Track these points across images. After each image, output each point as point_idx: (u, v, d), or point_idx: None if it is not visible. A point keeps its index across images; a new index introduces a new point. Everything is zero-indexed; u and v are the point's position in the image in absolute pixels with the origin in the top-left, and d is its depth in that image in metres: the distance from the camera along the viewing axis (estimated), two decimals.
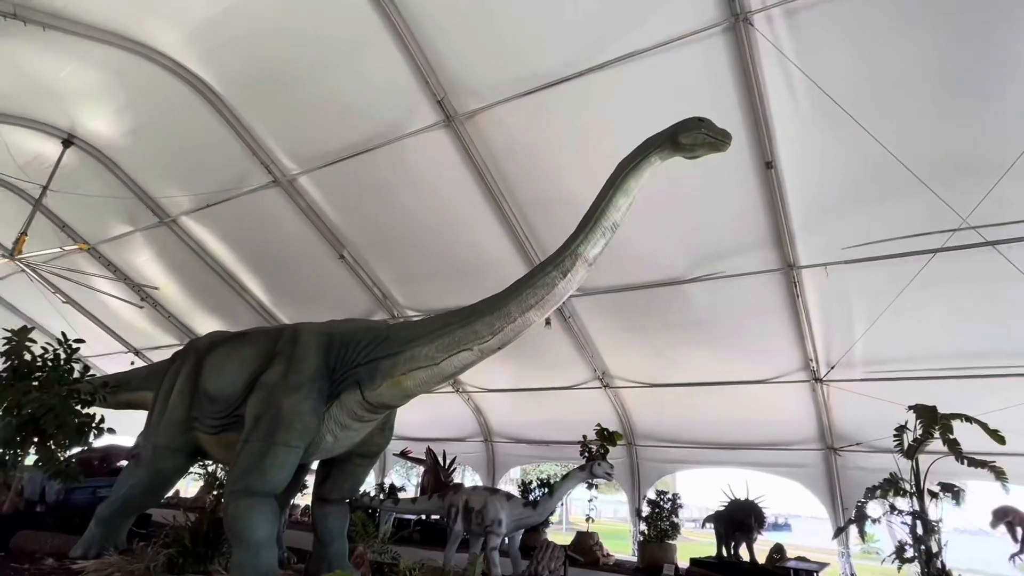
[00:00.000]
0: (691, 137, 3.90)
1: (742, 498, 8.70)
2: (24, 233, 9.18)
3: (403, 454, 12.37)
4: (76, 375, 6.98)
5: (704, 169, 5.76)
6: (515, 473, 15.75)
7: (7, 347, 6.60)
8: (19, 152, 9.69)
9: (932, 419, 6.35)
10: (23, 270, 11.93)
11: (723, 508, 8.76)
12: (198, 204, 10.22)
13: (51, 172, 9.60)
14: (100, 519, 5.92)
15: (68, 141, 9.64)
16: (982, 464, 5.91)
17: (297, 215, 9.75)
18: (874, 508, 7.33)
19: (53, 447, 6.65)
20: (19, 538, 6.12)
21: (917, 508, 6.64)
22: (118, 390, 7.32)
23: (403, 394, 4.80)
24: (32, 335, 6.86)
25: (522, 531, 6.74)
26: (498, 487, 7.38)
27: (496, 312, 4.37)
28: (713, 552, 8.90)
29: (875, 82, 5.76)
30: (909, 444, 6.56)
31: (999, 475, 5.86)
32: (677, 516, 9.23)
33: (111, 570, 4.82)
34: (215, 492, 8.49)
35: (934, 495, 6.67)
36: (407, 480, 19.20)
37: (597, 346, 10.21)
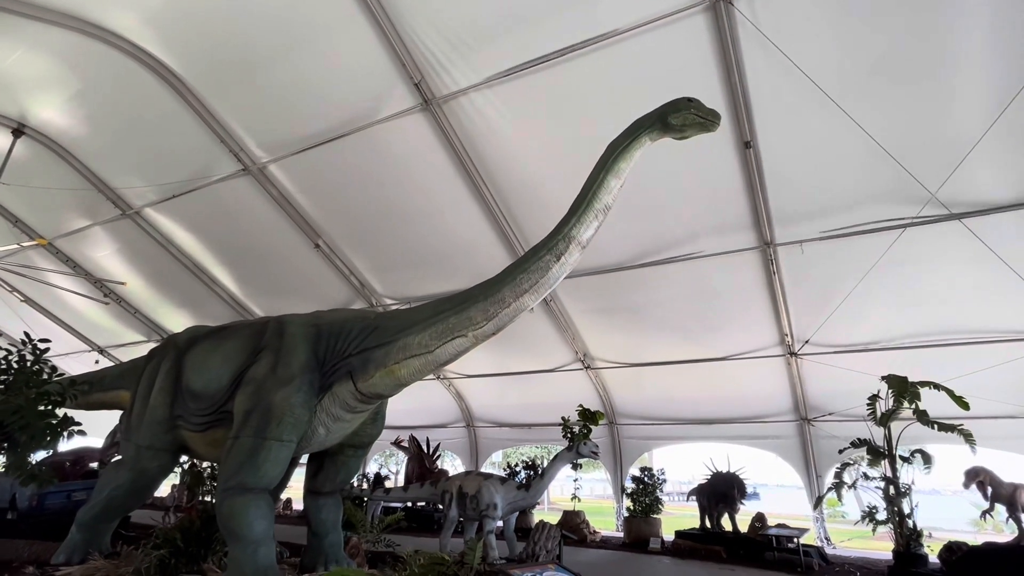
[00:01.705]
0: (681, 118, 3.91)
1: (723, 471, 8.98)
2: None
3: (396, 443, 12.31)
4: (45, 376, 6.67)
5: (682, 149, 5.82)
6: (497, 457, 15.88)
7: None
8: None
9: (903, 388, 6.65)
10: None
11: (706, 481, 9.02)
12: (163, 195, 9.83)
13: (1, 164, 9.06)
14: (81, 524, 5.70)
15: (18, 131, 9.10)
16: (951, 428, 6.23)
17: (269, 204, 9.48)
18: (847, 475, 7.69)
19: (22, 451, 6.36)
20: None
21: (889, 473, 6.98)
22: (90, 390, 7.01)
23: (396, 383, 4.74)
24: None
25: (516, 514, 6.83)
26: (490, 472, 7.43)
27: (490, 297, 4.33)
28: (696, 524, 9.20)
29: (851, 64, 5.89)
30: (883, 413, 6.86)
31: (967, 437, 6.19)
32: (662, 491, 9.47)
33: (99, 575, 4.68)
34: (199, 491, 8.27)
35: (905, 460, 7.01)
36: (387, 469, 19.14)
37: (578, 328, 10.30)
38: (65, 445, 7.39)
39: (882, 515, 7.03)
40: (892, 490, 6.85)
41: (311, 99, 7.79)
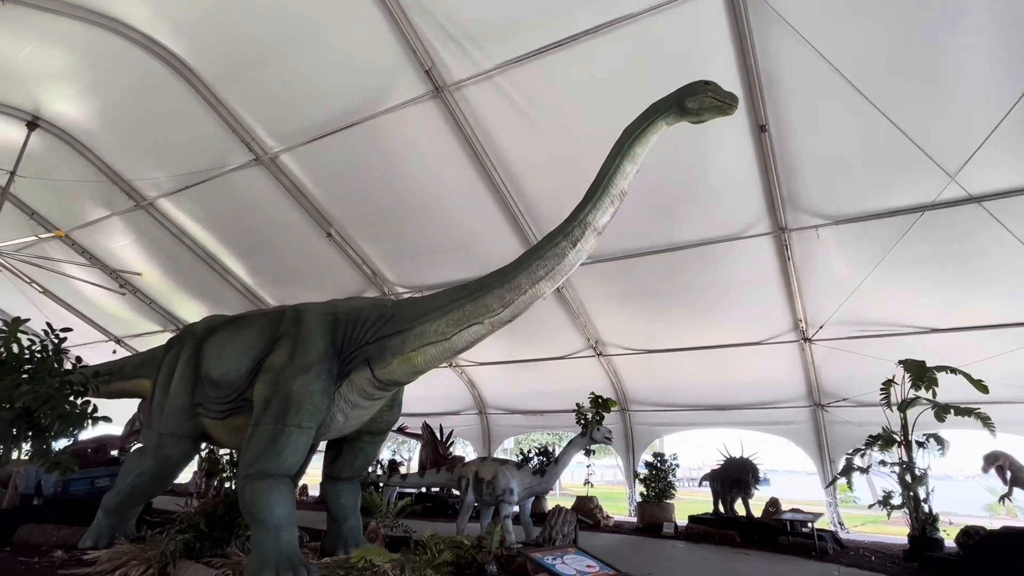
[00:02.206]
0: (698, 101, 3.88)
1: (737, 456, 9.00)
2: None
3: (400, 430, 12.45)
4: (67, 366, 6.80)
5: (696, 133, 5.77)
6: (509, 444, 16.01)
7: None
8: None
9: (921, 372, 6.61)
10: None
11: (719, 466, 9.05)
12: (176, 186, 9.89)
13: (17, 157, 9.15)
14: (107, 509, 5.85)
15: (33, 124, 9.18)
16: (969, 412, 6.19)
17: (281, 194, 9.51)
18: (859, 460, 7.67)
19: (47, 439, 6.51)
20: (22, 532, 6.03)
21: (905, 458, 6.96)
22: (111, 379, 7.15)
23: (413, 370, 4.79)
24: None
25: (532, 499, 6.90)
26: (505, 458, 7.51)
27: (506, 284, 4.35)
28: (708, 509, 9.25)
29: (869, 45, 5.78)
30: (902, 399, 6.83)
31: (986, 422, 6.15)
32: (675, 476, 9.52)
33: (126, 559, 4.79)
34: (217, 477, 8.43)
35: (920, 444, 6.98)
36: (401, 456, 19.36)
37: (590, 314, 10.31)
38: (88, 433, 7.58)
39: (897, 500, 7.03)
40: (908, 475, 6.83)
41: (322, 88, 7.77)
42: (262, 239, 10.77)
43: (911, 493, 6.78)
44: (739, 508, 8.87)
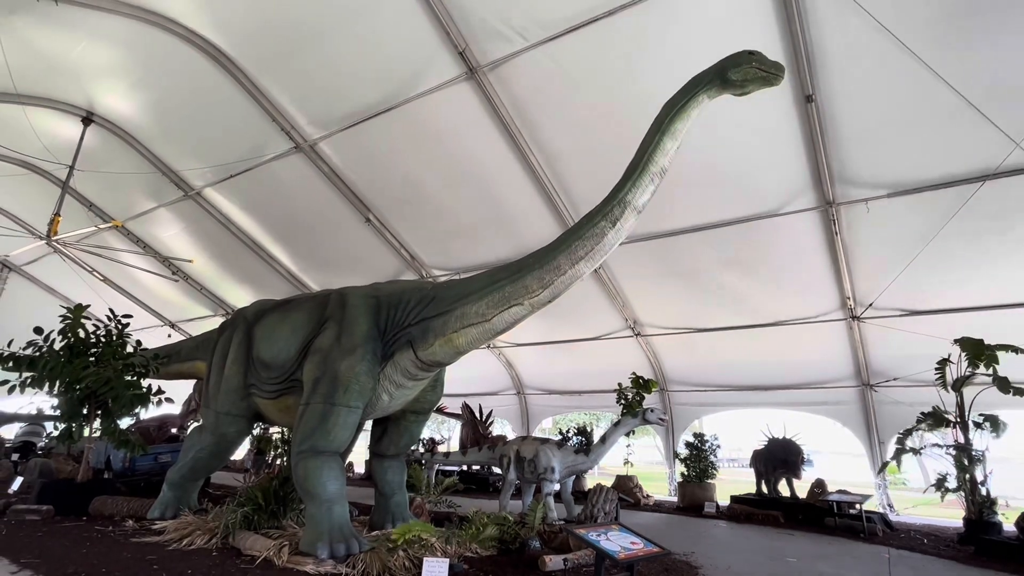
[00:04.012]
0: (742, 72, 3.75)
1: (779, 436, 8.85)
2: (58, 214, 9.28)
3: (439, 410, 12.72)
4: (129, 349, 7.20)
5: (739, 106, 5.58)
6: (547, 423, 16.14)
7: (64, 325, 6.79)
8: (41, 133, 9.68)
9: (979, 351, 6.34)
10: (56, 251, 12.16)
11: (762, 447, 8.92)
12: (221, 175, 10.22)
13: (75, 152, 9.61)
14: (172, 483, 6.23)
15: (88, 119, 9.60)
16: None
17: (321, 180, 9.71)
18: (911, 442, 7.43)
19: (116, 418, 6.94)
20: (96, 503, 6.48)
21: (961, 439, 6.71)
22: (168, 361, 7.55)
23: (455, 351, 4.88)
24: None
25: (573, 477, 6.98)
26: (547, 436, 7.60)
27: (546, 265, 4.35)
28: (750, 490, 9.15)
29: (924, 6, 5.44)
30: (956, 378, 6.57)
31: None
32: (716, 456, 9.45)
33: (190, 528, 5.10)
34: (268, 455, 8.81)
35: (978, 426, 6.72)
36: (441, 435, 19.77)
37: (628, 295, 10.22)
38: (150, 412, 8.03)
39: (952, 483, 6.79)
40: (964, 457, 6.59)
41: (357, 74, 7.85)
42: (304, 225, 11.06)
43: (967, 475, 6.55)
44: (783, 489, 8.75)
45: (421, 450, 10.61)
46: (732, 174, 7.66)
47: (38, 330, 6.74)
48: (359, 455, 13.17)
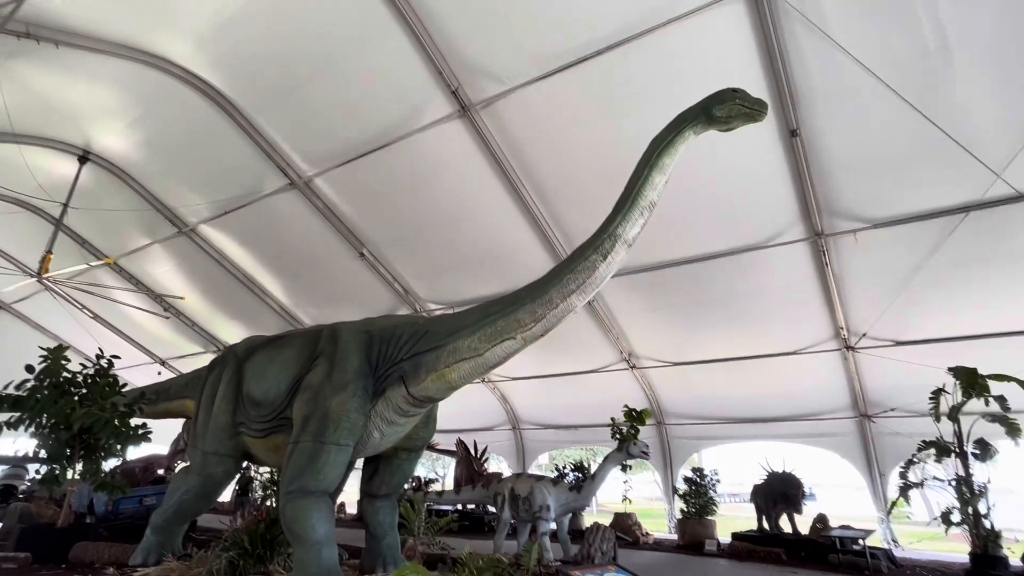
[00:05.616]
0: (726, 109, 3.82)
1: (779, 470, 8.71)
2: (50, 252, 9.26)
3: (432, 447, 12.49)
4: (117, 388, 7.07)
5: (726, 141, 5.69)
6: (543, 459, 15.86)
7: (43, 366, 6.67)
8: (36, 171, 9.75)
9: (972, 380, 6.32)
10: (47, 288, 12.08)
11: (762, 481, 8.77)
12: (216, 211, 10.27)
13: (70, 189, 9.66)
14: (155, 527, 6.01)
15: (84, 157, 9.69)
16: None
17: (315, 216, 9.77)
18: (912, 474, 7.32)
19: (100, 459, 6.76)
20: (76, 550, 6.24)
21: (961, 471, 6.63)
22: (157, 399, 7.40)
23: (448, 386, 4.81)
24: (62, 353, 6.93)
25: (570, 515, 6.81)
26: (541, 474, 7.45)
27: (538, 299, 4.34)
28: (750, 525, 8.95)
29: (902, 45, 5.63)
30: (952, 406, 6.53)
31: None
32: (716, 491, 9.27)
33: (174, 575, 4.92)
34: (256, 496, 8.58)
35: (976, 456, 6.65)
36: (435, 472, 19.36)
37: (622, 327, 10.20)
38: (136, 452, 7.84)
39: (956, 516, 6.67)
40: (965, 489, 6.49)
41: (352, 112, 7.99)
42: (298, 261, 11.07)
43: (970, 508, 6.44)
44: (784, 525, 8.56)
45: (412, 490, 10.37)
46: (723, 207, 7.77)
47: (30, 368, 6.61)
48: (351, 495, 12.84)
